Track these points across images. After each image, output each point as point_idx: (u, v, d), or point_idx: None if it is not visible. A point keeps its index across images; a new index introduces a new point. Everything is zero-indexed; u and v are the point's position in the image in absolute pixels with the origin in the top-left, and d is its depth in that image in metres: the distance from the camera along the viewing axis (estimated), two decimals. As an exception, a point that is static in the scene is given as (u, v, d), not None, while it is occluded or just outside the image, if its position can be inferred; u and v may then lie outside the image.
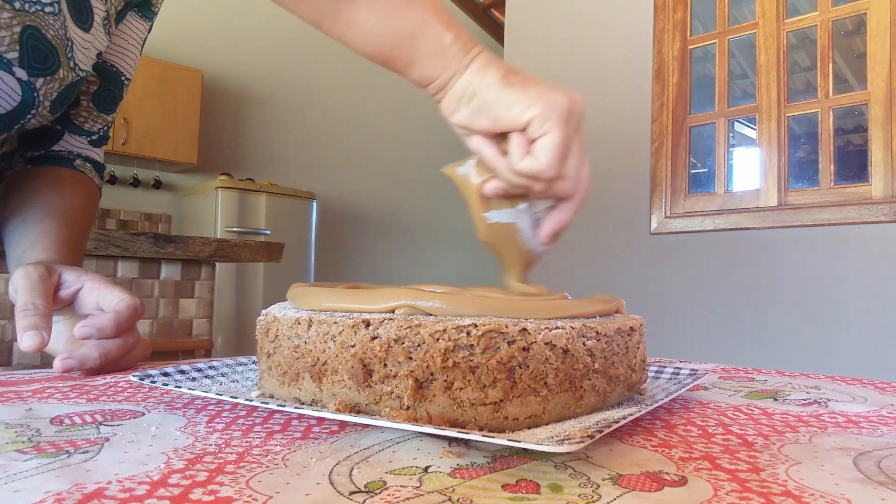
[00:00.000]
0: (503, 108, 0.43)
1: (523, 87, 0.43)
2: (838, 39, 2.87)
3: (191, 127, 3.91)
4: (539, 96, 0.42)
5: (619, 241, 2.89)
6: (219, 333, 3.56)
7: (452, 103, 0.45)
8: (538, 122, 0.42)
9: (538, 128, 0.42)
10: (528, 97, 0.42)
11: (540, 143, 0.42)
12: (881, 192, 2.24)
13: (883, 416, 0.42)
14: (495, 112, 0.43)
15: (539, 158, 0.42)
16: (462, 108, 0.44)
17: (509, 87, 0.43)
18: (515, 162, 0.43)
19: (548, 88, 0.43)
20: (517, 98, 0.42)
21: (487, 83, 0.43)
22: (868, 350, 2.20)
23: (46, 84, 0.63)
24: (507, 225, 0.47)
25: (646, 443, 0.34)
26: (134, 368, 0.60)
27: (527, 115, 0.42)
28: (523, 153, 0.43)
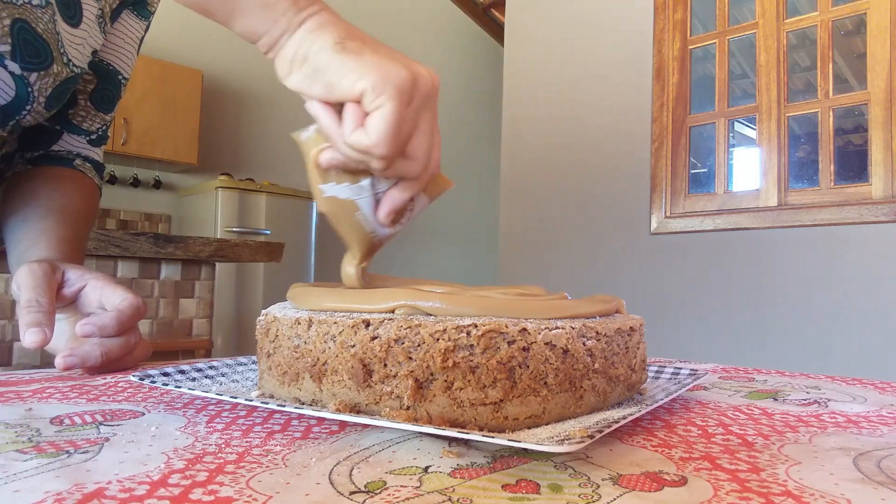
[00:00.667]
0: (335, 75, 0.39)
1: (359, 54, 0.39)
2: (838, 39, 2.87)
3: (191, 127, 3.91)
4: (375, 66, 0.39)
5: (619, 241, 2.89)
6: (219, 333, 3.56)
7: (285, 65, 0.41)
8: (371, 95, 0.38)
9: (371, 101, 0.38)
10: (363, 66, 0.39)
11: (372, 117, 0.39)
12: (881, 192, 2.24)
13: (883, 416, 0.42)
14: (327, 79, 0.39)
15: (369, 133, 0.39)
16: (295, 71, 0.41)
17: (343, 52, 0.39)
18: (346, 134, 0.40)
19: (388, 58, 0.39)
20: (350, 66, 0.39)
21: (319, 46, 0.40)
22: (868, 350, 2.20)
23: (40, 79, 0.63)
24: (346, 201, 0.44)
25: (646, 443, 0.34)
26: (134, 368, 0.60)
27: (359, 86, 0.38)
28: (355, 125, 0.39)
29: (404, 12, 5.40)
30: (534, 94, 3.29)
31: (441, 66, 5.58)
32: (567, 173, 3.11)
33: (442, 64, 5.60)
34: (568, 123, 3.12)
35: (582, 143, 3.07)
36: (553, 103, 3.20)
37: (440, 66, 5.57)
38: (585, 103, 3.06)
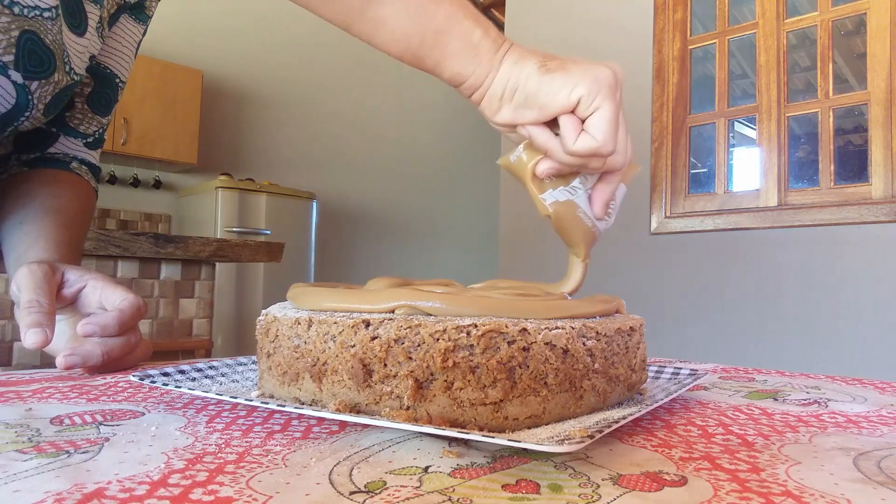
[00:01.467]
0: (548, 95, 0.42)
1: (563, 69, 0.42)
2: (838, 39, 2.87)
3: (191, 127, 3.91)
4: (582, 74, 0.42)
5: (619, 241, 2.89)
6: (219, 333, 3.56)
7: (494, 102, 0.44)
8: (587, 100, 0.41)
9: (588, 106, 0.41)
10: (572, 78, 0.42)
11: (593, 120, 0.41)
12: (881, 192, 2.24)
13: (883, 416, 0.42)
14: (541, 101, 0.42)
15: (595, 136, 0.41)
16: (505, 105, 0.44)
17: (549, 73, 0.42)
18: (569, 143, 0.42)
19: (587, 65, 0.43)
20: (560, 82, 0.42)
21: (527, 74, 0.43)
22: (868, 350, 2.20)
23: (41, 87, 0.63)
24: (567, 203, 0.48)
25: (646, 443, 0.34)
26: (135, 368, 0.60)
27: (574, 96, 0.41)
28: (576, 133, 0.42)
29: (404, 12, 5.39)
30: (534, 94, 3.29)
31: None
32: (567, 173, 3.11)
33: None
34: (568, 123, 3.12)
35: (582, 143, 3.07)
36: (553, 103, 3.19)
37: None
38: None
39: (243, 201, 3.83)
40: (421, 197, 5.64)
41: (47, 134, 0.76)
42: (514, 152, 0.46)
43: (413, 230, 5.58)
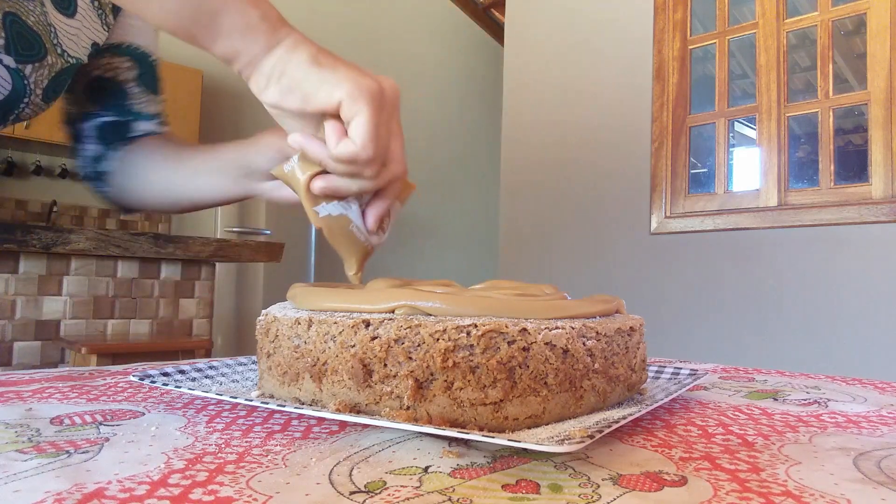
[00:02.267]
0: (312, 86, 0.42)
1: (333, 67, 0.43)
2: (838, 39, 2.87)
3: (191, 127, 3.90)
4: (347, 77, 0.42)
5: (619, 241, 2.89)
6: (219, 333, 3.56)
7: (262, 80, 0.44)
8: (347, 104, 0.42)
9: (349, 108, 0.42)
10: (336, 77, 0.42)
11: (353, 124, 0.42)
12: (881, 192, 2.24)
13: (883, 416, 0.42)
14: (304, 90, 0.43)
15: (354, 140, 0.42)
16: (272, 85, 0.44)
17: (318, 66, 0.43)
18: (332, 147, 0.43)
19: (358, 72, 0.43)
20: (325, 77, 0.42)
21: (297, 61, 0.43)
22: (868, 350, 2.20)
23: (35, 71, 0.63)
24: (339, 217, 0.49)
25: (646, 443, 0.34)
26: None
27: (336, 95, 0.42)
28: (338, 138, 0.43)
29: (404, 12, 5.40)
30: (534, 94, 3.29)
31: (441, 66, 5.58)
32: (567, 173, 3.11)
33: (442, 64, 5.59)
34: (568, 123, 3.12)
35: (582, 142, 3.07)
36: (553, 103, 3.20)
37: (440, 66, 5.57)
38: (585, 103, 3.06)
39: (243, 201, 3.83)
40: (421, 197, 5.64)
41: (124, 124, 0.76)
42: (289, 163, 0.47)
43: (413, 230, 5.57)
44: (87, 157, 0.78)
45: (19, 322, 1.58)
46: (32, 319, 1.60)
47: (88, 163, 0.78)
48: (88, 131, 0.77)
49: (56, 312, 1.63)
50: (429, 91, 5.45)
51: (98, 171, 0.77)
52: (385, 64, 5.07)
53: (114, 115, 0.76)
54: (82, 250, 1.58)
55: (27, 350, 1.59)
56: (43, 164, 3.66)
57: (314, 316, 0.37)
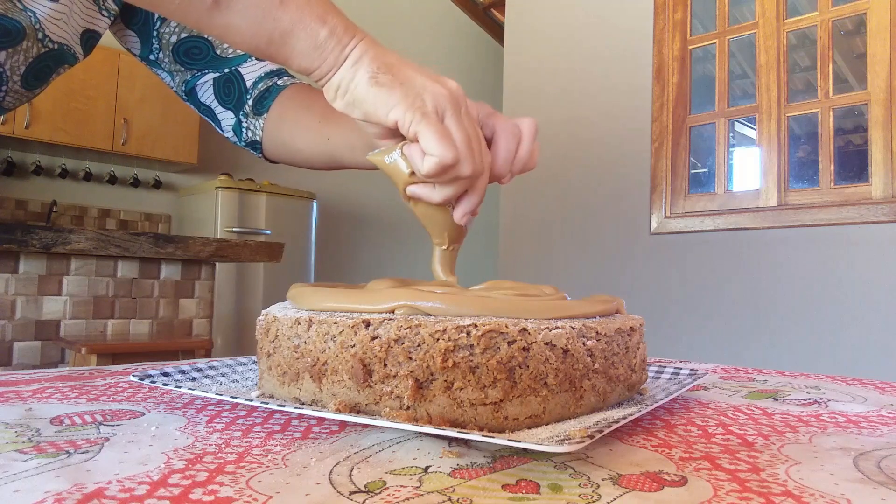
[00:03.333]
0: (370, 106, 0.45)
1: (390, 86, 0.45)
2: (838, 39, 2.87)
3: (191, 127, 3.91)
4: (403, 97, 0.44)
5: (619, 241, 2.89)
6: (219, 333, 3.55)
7: (331, 93, 0.47)
8: (404, 125, 0.44)
9: (406, 129, 0.44)
10: (392, 98, 0.44)
11: (421, 142, 0.44)
12: (881, 192, 2.24)
13: (883, 416, 0.42)
14: (364, 109, 0.45)
15: (430, 152, 0.43)
16: (339, 99, 0.46)
17: (376, 86, 0.45)
18: (419, 168, 0.45)
19: (420, 84, 0.45)
20: (382, 98, 0.44)
21: (357, 80, 0.45)
22: (868, 350, 2.20)
23: (10, 57, 0.63)
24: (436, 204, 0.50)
25: (646, 443, 0.34)
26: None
27: (392, 117, 0.44)
28: (421, 157, 0.44)
29: (404, 12, 5.40)
30: (534, 94, 3.29)
31: (441, 66, 5.58)
32: (567, 173, 3.11)
33: (442, 64, 5.59)
34: (568, 123, 3.12)
35: (582, 142, 3.07)
36: (553, 103, 3.20)
37: (440, 66, 5.57)
38: (585, 103, 3.06)
39: (243, 201, 3.83)
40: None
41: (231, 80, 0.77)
42: (391, 154, 0.48)
43: (413, 230, 5.57)
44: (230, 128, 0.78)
45: (19, 322, 1.58)
46: (32, 319, 1.60)
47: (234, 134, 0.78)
48: (206, 99, 0.78)
49: (56, 312, 1.63)
50: (429, 91, 5.44)
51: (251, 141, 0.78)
52: (385, 64, 5.07)
53: (211, 70, 0.76)
54: (82, 250, 1.59)
55: (27, 350, 1.59)
56: (43, 164, 3.66)
57: (314, 316, 0.37)
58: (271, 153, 0.79)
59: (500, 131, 0.52)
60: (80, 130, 3.47)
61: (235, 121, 0.78)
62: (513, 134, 0.52)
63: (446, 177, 0.45)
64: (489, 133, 0.53)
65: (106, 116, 3.56)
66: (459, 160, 0.44)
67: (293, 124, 0.75)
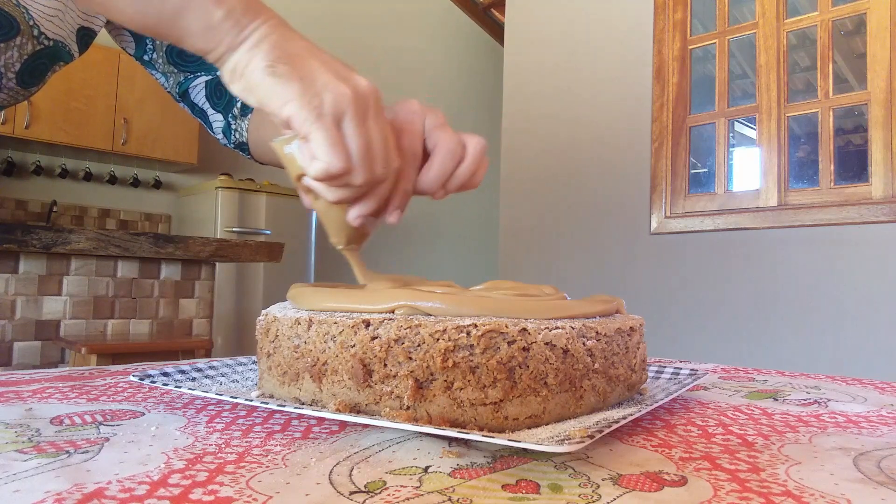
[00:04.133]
0: (264, 96, 0.42)
1: (286, 80, 0.41)
2: (838, 39, 2.87)
3: (191, 127, 3.90)
4: (298, 94, 0.41)
5: (619, 241, 2.89)
6: (219, 333, 3.55)
7: (226, 75, 0.44)
8: (297, 123, 0.41)
9: (299, 127, 0.41)
10: (287, 92, 0.41)
11: (311, 143, 0.41)
12: (881, 192, 2.23)
13: (883, 416, 0.42)
14: (258, 97, 0.42)
15: (319, 157, 0.41)
16: (234, 82, 0.43)
17: (272, 77, 0.41)
18: (306, 167, 0.42)
19: (310, 84, 0.41)
20: (276, 90, 0.41)
21: (253, 66, 0.42)
22: (868, 350, 2.20)
23: (3, 53, 0.62)
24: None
25: (646, 443, 0.34)
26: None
27: (285, 112, 0.41)
28: (311, 157, 0.41)
29: (404, 12, 5.40)
30: (534, 94, 3.29)
31: (441, 66, 5.58)
32: (567, 173, 3.11)
33: (442, 64, 5.59)
34: (568, 123, 3.12)
35: (582, 142, 3.07)
36: (553, 103, 3.19)
37: (440, 65, 5.57)
38: (585, 103, 3.06)
39: (243, 201, 3.83)
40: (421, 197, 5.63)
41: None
42: (291, 145, 0.44)
43: (413, 230, 5.57)
44: (220, 131, 0.78)
45: (19, 322, 1.58)
46: (32, 319, 1.60)
47: (224, 136, 0.78)
48: (199, 101, 0.77)
49: (56, 312, 1.63)
50: (429, 91, 5.45)
51: (238, 143, 0.77)
52: (385, 64, 5.07)
53: (204, 73, 0.76)
54: (82, 250, 1.59)
55: (27, 350, 1.59)
56: (43, 164, 3.66)
57: (314, 316, 0.37)
58: (256, 154, 0.78)
59: (441, 147, 0.49)
60: (79, 130, 3.47)
61: (225, 123, 0.77)
62: (452, 152, 0.49)
63: (335, 183, 0.42)
64: (431, 146, 0.50)
65: (106, 116, 3.56)
66: (350, 169, 0.41)
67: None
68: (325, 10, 4.71)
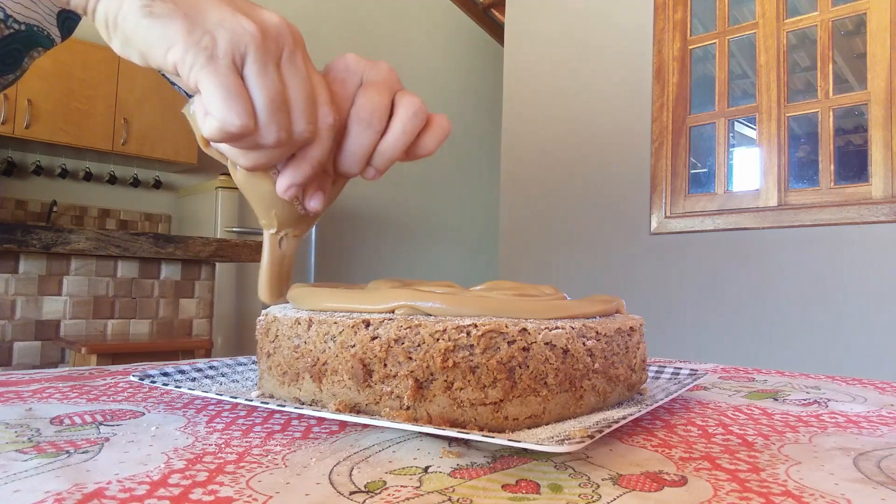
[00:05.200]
0: (145, 45, 0.33)
1: (167, 19, 0.33)
2: (838, 39, 2.87)
3: (191, 127, 3.90)
4: (181, 32, 0.32)
5: (619, 241, 2.89)
6: (219, 333, 3.55)
7: (103, 31, 0.35)
8: (184, 69, 0.33)
9: (186, 76, 0.33)
10: (169, 32, 0.33)
11: (202, 96, 0.33)
12: (881, 192, 2.23)
13: (883, 416, 0.42)
14: (139, 48, 0.34)
15: (212, 113, 0.33)
16: (113, 38, 0.35)
17: (150, 17, 0.33)
18: (202, 128, 0.34)
19: (198, 22, 0.33)
20: (156, 34, 0.33)
21: (126, 10, 0.33)
22: (868, 350, 2.20)
23: None
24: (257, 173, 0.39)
25: (646, 443, 0.34)
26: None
27: (170, 58, 0.33)
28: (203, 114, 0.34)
29: (404, 12, 5.40)
30: (534, 94, 3.29)
31: (441, 66, 5.58)
32: (567, 173, 3.11)
33: (442, 64, 5.59)
34: (568, 123, 3.12)
35: (582, 142, 3.07)
36: (553, 103, 3.20)
37: (440, 65, 5.57)
38: (585, 103, 3.06)
39: (243, 201, 3.83)
40: (421, 197, 5.64)
41: None
42: (193, 104, 0.37)
43: (413, 230, 5.57)
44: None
45: (19, 322, 1.58)
46: (32, 319, 1.60)
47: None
48: None
49: (56, 312, 1.63)
50: (429, 91, 5.45)
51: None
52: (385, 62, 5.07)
53: None
54: (82, 250, 1.59)
55: (27, 350, 1.59)
56: (43, 164, 3.66)
57: (314, 316, 0.37)
58: None
59: (354, 115, 0.39)
60: (80, 130, 3.47)
61: None
62: (367, 121, 0.39)
63: (241, 144, 0.35)
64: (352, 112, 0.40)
65: (106, 116, 3.56)
66: (256, 126, 0.33)
67: None
68: (325, 10, 4.71)
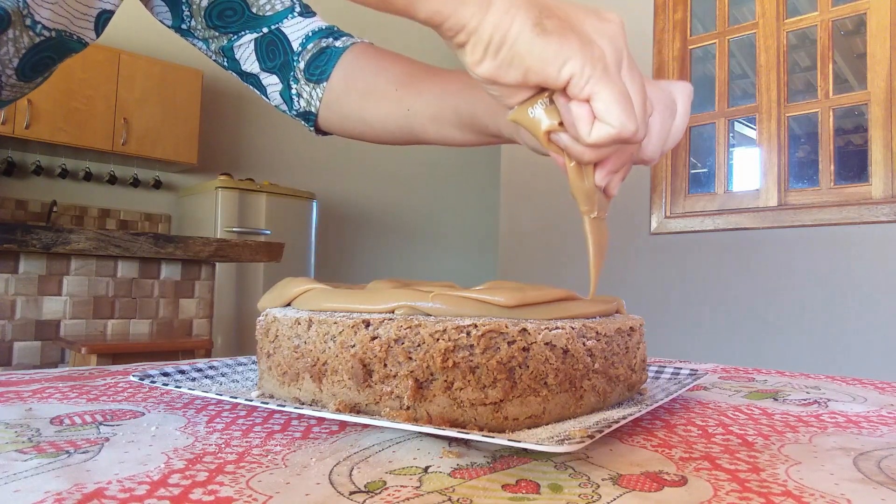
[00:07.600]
0: (537, 61, 0.34)
1: (561, 36, 0.34)
2: (838, 39, 2.87)
3: (191, 127, 3.91)
4: (579, 48, 0.34)
5: (619, 241, 2.89)
6: (219, 333, 3.55)
7: (478, 52, 0.35)
8: (580, 80, 0.34)
9: (580, 88, 0.35)
10: (566, 48, 0.34)
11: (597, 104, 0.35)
12: (881, 192, 2.23)
13: (883, 416, 0.42)
14: (527, 65, 0.35)
15: (610, 122, 0.35)
16: (488, 58, 0.35)
17: (544, 36, 0.34)
18: (585, 135, 0.36)
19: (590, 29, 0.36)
20: (552, 52, 0.34)
21: (518, 29, 0.34)
22: (868, 350, 2.20)
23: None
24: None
25: (646, 443, 0.34)
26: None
27: (566, 72, 0.34)
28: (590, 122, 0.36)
29: (404, 12, 5.40)
30: (534, 94, 3.29)
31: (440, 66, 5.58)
32: (567, 173, 3.11)
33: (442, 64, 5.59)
34: (568, 123, 3.12)
35: (582, 143, 3.07)
36: (553, 103, 3.20)
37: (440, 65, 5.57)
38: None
39: (243, 201, 3.83)
40: (421, 197, 5.64)
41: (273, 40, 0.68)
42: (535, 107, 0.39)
43: (413, 231, 5.57)
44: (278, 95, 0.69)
45: (19, 322, 1.58)
46: (32, 319, 1.60)
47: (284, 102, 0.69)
48: (248, 66, 0.68)
49: (56, 312, 1.63)
50: (429, 91, 5.44)
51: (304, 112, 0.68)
52: (385, 64, 5.07)
53: (249, 31, 0.66)
54: (82, 250, 1.59)
55: (27, 350, 1.59)
56: (43, 164, 3.66)
57: (314, 316, 0.37)
58: (329, 125, 0.69)
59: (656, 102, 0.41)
60: (79, 130, 3.47)
61: (283, 87, 0.68)
62: (668, 107, 0.42)
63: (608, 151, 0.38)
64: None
65: (106, 116, 3.56)
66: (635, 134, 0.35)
67: (363, 94, 0.65)
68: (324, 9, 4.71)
